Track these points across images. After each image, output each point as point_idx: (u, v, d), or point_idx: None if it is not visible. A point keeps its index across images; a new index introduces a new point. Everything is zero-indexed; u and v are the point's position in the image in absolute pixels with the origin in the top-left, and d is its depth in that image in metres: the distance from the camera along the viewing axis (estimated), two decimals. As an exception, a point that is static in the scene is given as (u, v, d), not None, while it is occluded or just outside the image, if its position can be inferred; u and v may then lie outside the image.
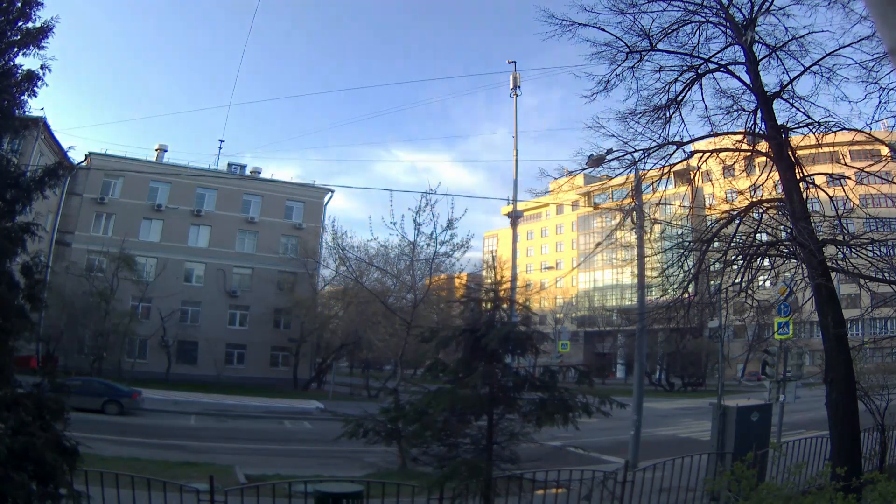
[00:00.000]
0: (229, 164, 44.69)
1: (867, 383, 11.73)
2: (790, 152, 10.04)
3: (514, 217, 22.99)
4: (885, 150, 10.41)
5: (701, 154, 11.16)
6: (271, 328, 42.28)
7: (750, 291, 10.43)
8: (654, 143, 10.68)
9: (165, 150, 43.64)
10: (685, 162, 11.29)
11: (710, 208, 12.58)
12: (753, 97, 10.39)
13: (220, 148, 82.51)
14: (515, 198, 22.11)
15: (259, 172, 46.26)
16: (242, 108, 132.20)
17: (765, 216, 10.47)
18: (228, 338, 40.96)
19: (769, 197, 10.87)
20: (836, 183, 10.38)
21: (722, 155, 11.54)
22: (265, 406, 29.16)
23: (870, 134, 9.97)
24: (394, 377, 29.94)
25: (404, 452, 10.92)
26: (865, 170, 10.17)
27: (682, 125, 10.97)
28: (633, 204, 14.94)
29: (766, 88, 10.21)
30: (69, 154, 26.85)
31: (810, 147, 10.51)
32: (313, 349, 41.96)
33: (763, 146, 10.78)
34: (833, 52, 9.54)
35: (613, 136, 10.59)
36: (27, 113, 6.76)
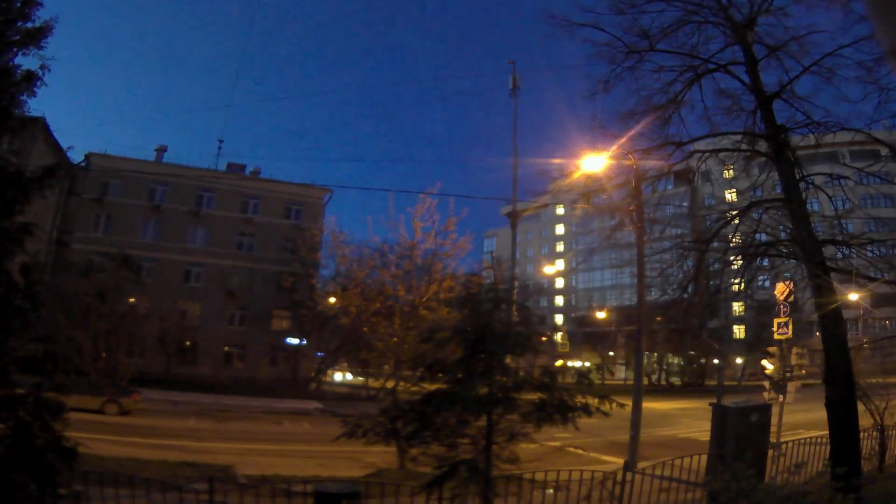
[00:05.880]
0: (229, 164, 44.69)
1: (867, 383, 11.73)
2: (790, 152, 10.04)
3: (514, 217, 22.99)
4: (884, 150, 10.41)
5: (701, 154, 11.16)
6: (271, 328, 42.25)
7: (750, 291, 10.44)
8: (653, 143, 10.71)
9: (165, 151, 43.66)
10: (685, 162, 11.30)
11: (710, 208, 12.59)
12: (753, 97, 10.40)
13: (220, 148, 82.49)
14: (515, 198, 22.11)
15: (259, 173, 46.26)
16: (243, 109, 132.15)
17: (764, 216, 10.48)
18: (228, 338, 40.96)
19: (769, 197, 10.87)
20: (835, 183, 10.38)
21: (721, 155, 11.54)
22: (265, 406, 29.15)
23: (870, 134, 9.97)
24: (393, 377, 29.93)
25: (403, 452, 10.91)
26: (865, 170, 10.17)
27: (682, 125, 10.97)
28: (633, 204, 14.93)
29: (765, 88, 10.22)
30: (69, 154, 26.86)
31: (810, 147, 10.52)
32: (313, 349, 41.97)
33: (763, 146, 10.78)
34: (833, 52, 9.55)
35: (613, 136, 10.62)
36: (26, 113, 6.76)
